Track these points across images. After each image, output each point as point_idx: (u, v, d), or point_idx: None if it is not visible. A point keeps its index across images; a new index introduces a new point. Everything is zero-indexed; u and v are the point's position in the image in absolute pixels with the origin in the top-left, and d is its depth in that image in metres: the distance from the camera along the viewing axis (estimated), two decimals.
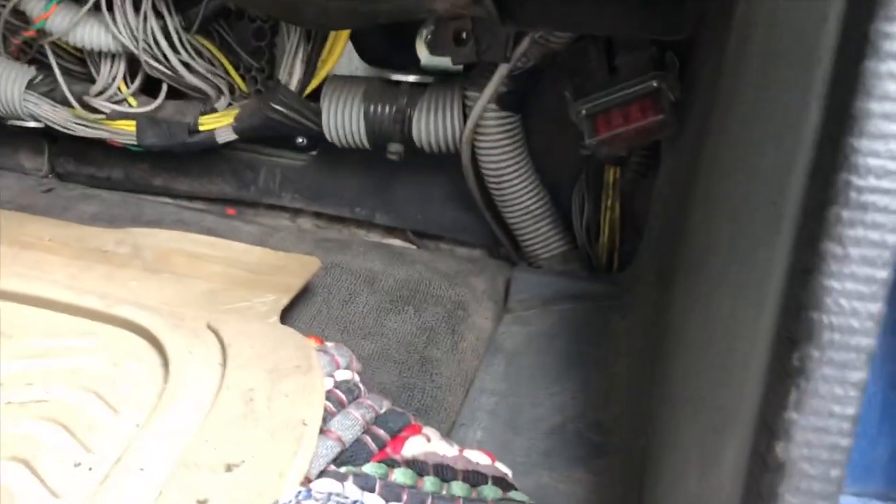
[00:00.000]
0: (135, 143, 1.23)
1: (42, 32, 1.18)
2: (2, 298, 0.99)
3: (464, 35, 1.02)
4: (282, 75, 1.16)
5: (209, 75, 1.19)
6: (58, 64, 1.22)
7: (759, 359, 0.44)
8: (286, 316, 1.00)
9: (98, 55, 1.19)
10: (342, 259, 1.15)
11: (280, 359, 0.84)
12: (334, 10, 0.93)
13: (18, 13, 1.20)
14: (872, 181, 0.36)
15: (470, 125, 1.07)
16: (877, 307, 0.37)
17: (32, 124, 1.27)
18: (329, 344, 0.88)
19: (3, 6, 1.19)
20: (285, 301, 0.99)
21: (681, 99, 0.96)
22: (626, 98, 0.97)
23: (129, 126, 1.23)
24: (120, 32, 1.13)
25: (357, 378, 0.84)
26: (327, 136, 1.15)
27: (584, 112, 0.99)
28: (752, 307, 0.49)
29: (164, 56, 1.15)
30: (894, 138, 0.35)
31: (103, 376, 0.87)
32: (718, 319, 0.58)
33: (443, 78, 1.10)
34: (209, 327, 0.92)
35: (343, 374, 0.83)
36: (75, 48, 1.21)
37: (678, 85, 0.96)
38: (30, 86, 1.23)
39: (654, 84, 0.95)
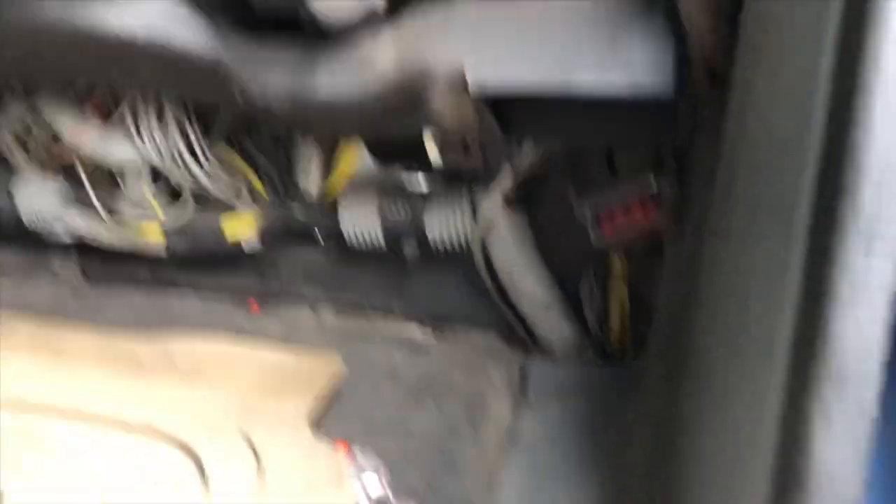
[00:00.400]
0: (164, 254, 1.29)
1: (73, 151, 1.25)
2: (40, 412, 1.04)
3: (470, 142, 1.08)
4: (300, 180, 1.22)
5: (230, 181, 1.25)
6: (87, 175, 1.28)
7: (763, 467, 0.48)
8: (313, 419, 1.04)
9: (125, 170, 1.26)
10: (364, 354, 1.20)
11: (313, 472, 0.89)
12: (348, 130, 0.99)
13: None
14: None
15: (480, 225, 1.12)
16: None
17: (65, 239, 1.34)
18: (356, 450, 0.92)
19: (35, 123, 1.26)
20: (314, 407, 1.04)
21: (679, 197, 1.01)
22: (627, 198, 1.02)
23: (157, 234, 1.29)
24: (145, 146, 1.20)
25: (384, 483, 0.88)
26: (346, 240, 1.21)
27: (587, 211, 1.04)
28: (754, 420, 0.53)
29: (188, 166, 1.22)
30: None
31: (143, 490, 0.91)
32: (724, 427, 0.62)
33: (453, 180, 1.16)
34: (244, 438, 0.97)
35: (370, 481, 0.88)
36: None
37: (677, 185, 1.01)
38: (60, 200, 1.30)
39: (654, 185, 1.00)
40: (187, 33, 0.94)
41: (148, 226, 1.29)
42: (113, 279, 1.44)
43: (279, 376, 1.10)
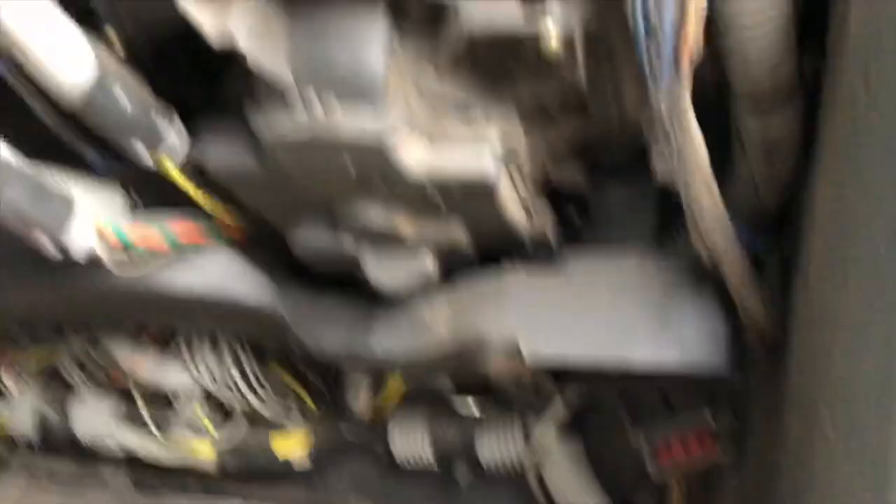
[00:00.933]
0: (214, 470, 1.30)
1: (128, 374, 1.28)
2: None
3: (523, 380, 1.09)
4: (349, 398, 1.24)
5: (282, 402, 1.27)
6: (140, 395, 1.31)
7: None
8: None
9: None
10: None
11: None
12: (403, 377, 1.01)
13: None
14: None
15: (533, 451, 1.12)
16: None
17: (118, 453, 1.35)
18: None
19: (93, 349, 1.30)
20: None
21: (737, 429, 1.00)
22: (683, 430, 1.02)
23: (208, 451, 1.30)
24: (199, 374, 1.23)
25: None
26: (396, 460, 1.21)
27: (644, 441, 1.03)
28: None
29: (241, 391, 1.24)
30: None
31: None
32: None
33: (504, 402, 1.17)
34: None
35: None
36: None
37: (733, 417, 1.00)
38: (114, 418, 1.33)
39: (709, 419, 1.00)
40: (245, 288, 0.98)
41: (199, 443, 1.30)
42: (162, 489, 1.45)
43: None
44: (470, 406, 1.18)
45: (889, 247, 0.49)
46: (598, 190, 0.97)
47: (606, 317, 0.80)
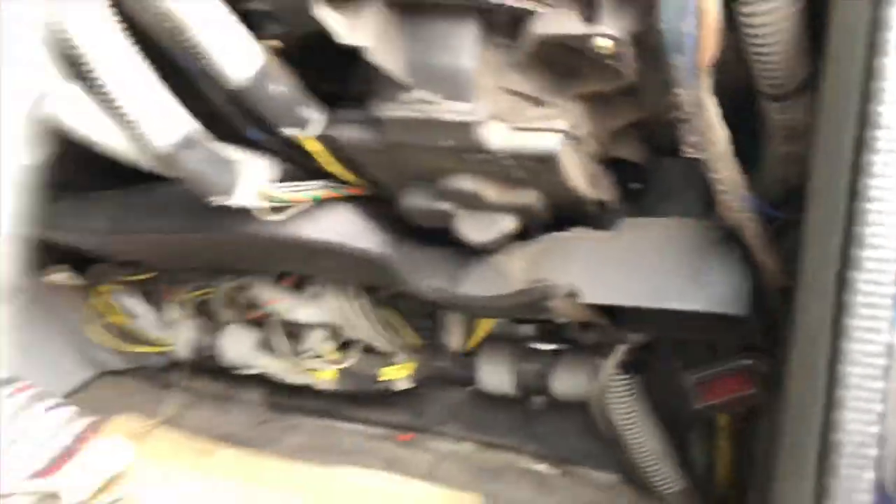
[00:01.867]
0: (333, 389, 1.56)
1: (269, 312, 1.56)
2: None
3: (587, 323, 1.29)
4: (445, 336, 1.47)
5: (391, 337, 1.52)
6: (277, 328, 1.59)
7: None
8: None
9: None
10: (498, 488, 1.40)
11: None
12: (485, 317, 1.22)
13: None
14: None
15: (598, 386, 1.31)
16: None
17: (255, 372, 1.64)
18: None
19: (240, 291, 1.58)
20: None
21: (771, 372, 1.17)
22: (724, 371, 1.19)
23: (330, 375, 1.57)
24: (327, 311, 1.49)
25: None
26: (482, 388, 1.44)
27: (691, 381, 1.21)
28: None
29: (360, 326, 1.49)
30: None
31: None
32: None
33: (576, 344, 1.37)
34: None
35: None
36: None
37: (769, 361, 1.17)
38: (254, 346, 1.61)
39: (747, 362, 1.17)
40: (365, 238, 1.22)
41: (323, 370, 1.57)
42: (291, 410, 1.73)
43: None
44: (546, 347, 1.39)
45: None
46: (655, 164, 1.15)
47: (650, 270, 0.99)
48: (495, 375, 1.42)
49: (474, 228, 1.08)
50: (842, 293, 0.66)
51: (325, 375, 1.57)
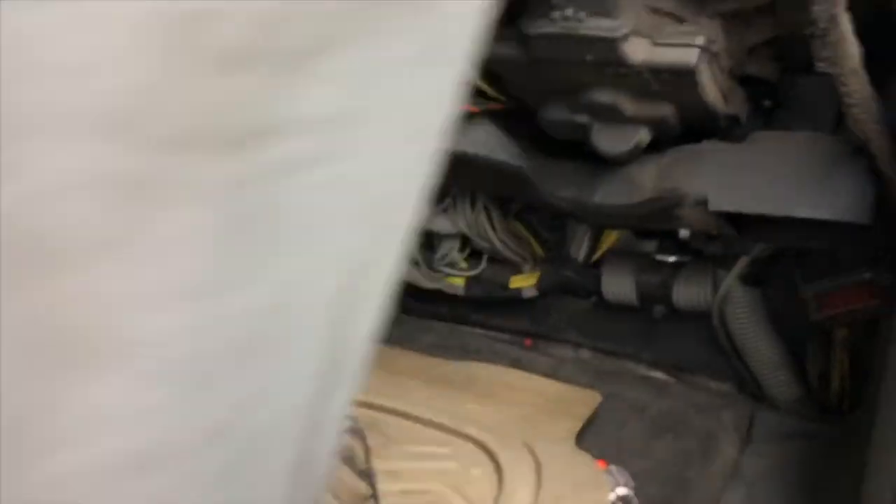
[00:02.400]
0: (463, 294, 1.70)
1: None
2: (384, 412, 1.47)
3: (714, 233, 1.35)
4: (572, 249, 1.57)
5: (518, 248, 1.63)
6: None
7: None
8: (577, 438, 1.37)
9: (442, 234, 1.68)
10: (617, 390, 1.51)
11: (578, 476, 1.21)
12: (615, 226, 1.31)
13: None
14: None
15: (719, 297, 1.39)
16: None
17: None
18: (612, 467, 1.23)
19: None
20: (578, 427, 1.37)
21: (893, 285, 1.21)
22: (844, 284, 1.24)
23: (459, 281, 1.70)
24: (460, 222, 1.61)
25: (632, 493, 1.18)
26: (605, 297, 1.53)
27: (811, 294, 1.27)
28: None
29: (489, 236, 1.61)
30: None
31: (456, 476, 1.29)
32: None
33: (698, 257, 1.44)
34: (526, 447, 1.33)
35: (622, 490, 1.19)
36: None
37: (890, 274, 1.21)
38: None
39: (867, 275, 1.21)
40: (503, 152, 1.32)
41: (453, 277, 1.71)
42: (423, 314, 1.88)
43: (552, 402, 1.44)
44: (668, 258, 1.46)
45: None
46: (788, 83, 1.19)
47: (778, 180, 1.05)
48: (618, 285, 1.51)
49: (610, 140, 1.16)
50: None
51: (454, 280, 1.70)
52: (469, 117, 1.30)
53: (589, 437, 1.40)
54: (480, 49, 0.41)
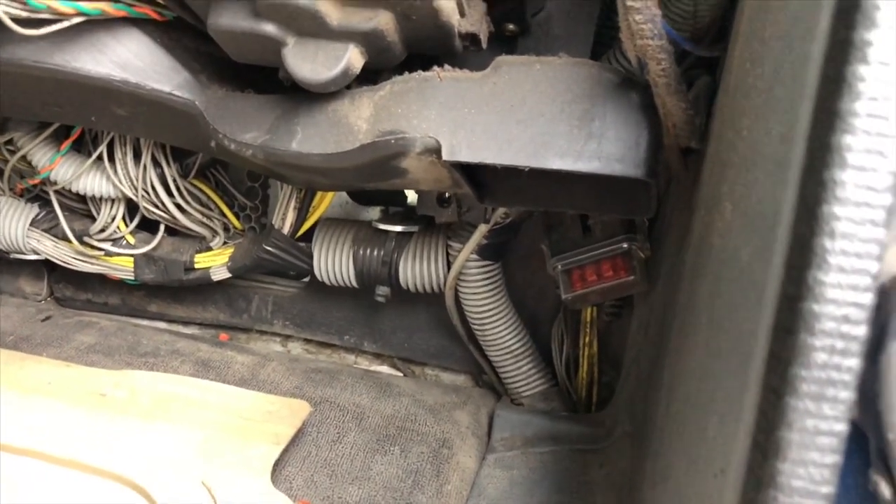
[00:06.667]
0: (132, 278, 1.28)
1: (47, 181, 1.23)
2: (6, 451, 1.03)
3: (447, 196, 1.08)
4: (275, 219, 1.22)
5: (204, 217, 1.25)
6: (59, 202, 1.27)
7: None
8: (276, 466, 1.04)
9: (99, 198, 1.25)
10: (331, 393, 1.20)
11: None
12: (324, 185, 0.99)
13: (24, 159, 1.26)
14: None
15: (453, 273, 1.12)
16: None
17: (33, 257, 1.32)
18: None
19: (11, 152, 1.25)
20: (276, 454, 1.03)
21: (650, 257, 1.02)
22: (598, 257, 1.03)
23: (127, 262, 1.28)
24: (120, 182, 1.19)
25: None
26: (318, 277, 1.21)
27: (559, 268, 1.05)
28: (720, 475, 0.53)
29: (161, 201, 1.21)
30: None
31: None
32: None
33: (427, 226, 1.16)
34: (204, 485, 0.97)
35: None
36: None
37: (648, 246, 1.02)
38: (32, 223, 1.29)
39: (625, 246, 1.01)
40: (161, 79, 0.94)
41: (117, 252, 1.28)
42: (84, 305, 1.43)
43: (245, 420, 1.09)
44: (392, 228, 1.17)
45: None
46: (538, 3, 0.94)
47: (531, 122, 0.79)
48: (333, 263, 1.19)
49: (309, 62, 0.83)
50: None
51: (118, 261, 1.28)
52: (109, 24, 0.90)
53: (293, 462, 1.08)
54: None
